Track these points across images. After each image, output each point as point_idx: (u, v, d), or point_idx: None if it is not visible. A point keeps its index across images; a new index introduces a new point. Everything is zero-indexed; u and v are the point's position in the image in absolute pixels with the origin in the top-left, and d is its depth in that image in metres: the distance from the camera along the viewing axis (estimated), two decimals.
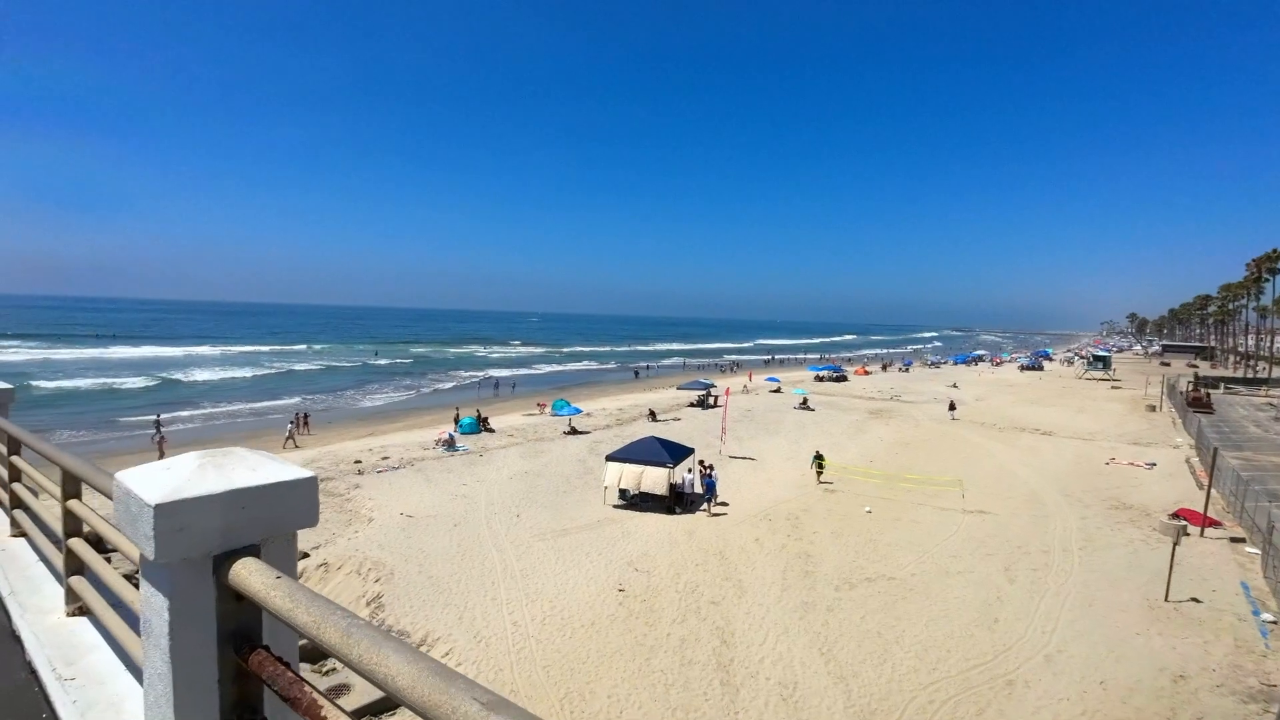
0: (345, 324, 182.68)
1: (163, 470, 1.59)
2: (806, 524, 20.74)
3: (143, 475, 1.58)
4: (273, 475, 1.63)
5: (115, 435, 33.97)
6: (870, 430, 39.00)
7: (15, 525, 4.36)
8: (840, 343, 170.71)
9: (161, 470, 1.60)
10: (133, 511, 1.52)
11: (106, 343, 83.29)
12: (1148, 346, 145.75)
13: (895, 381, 69.41)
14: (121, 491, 1.57)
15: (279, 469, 1.67)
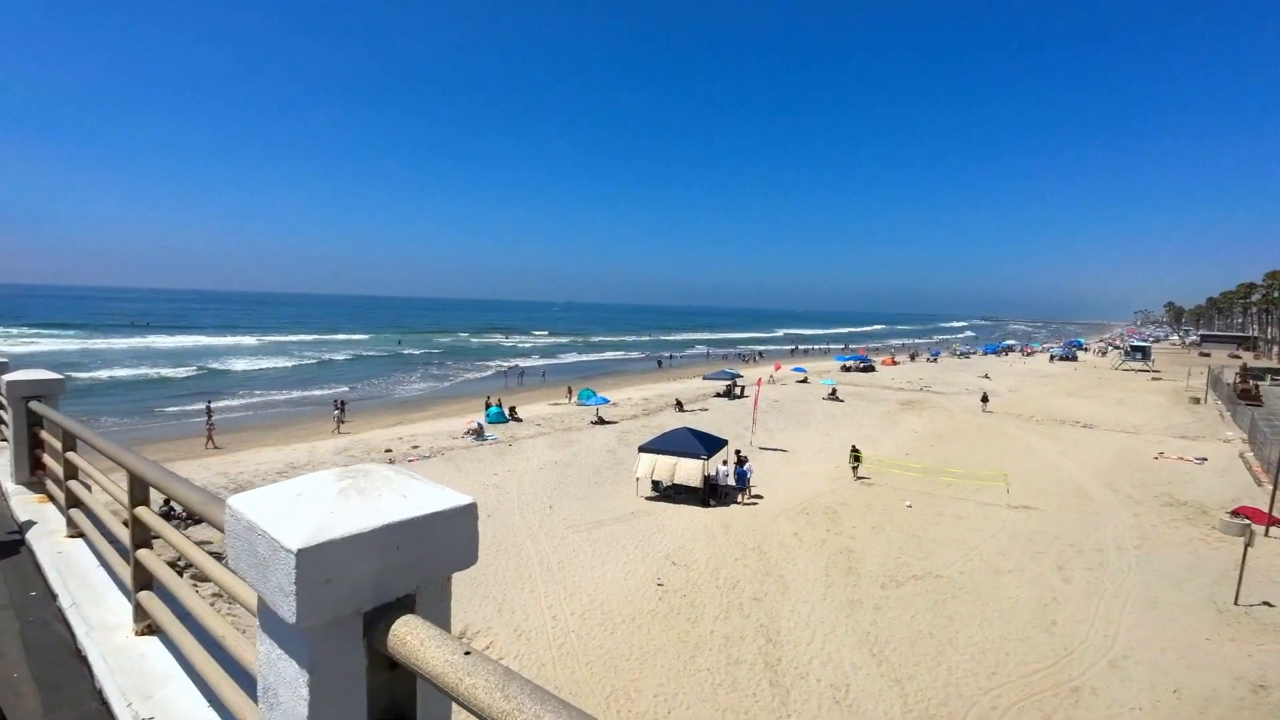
0: (370, 313, 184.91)
1: (293, 497, 1.22)
2: (845, 518, 20.22)
3: (269, 505, 1.21)
4: (428, 503, 1.24)
5: (158, 424, 34.54)
6: (902, 422, 38.17)
7: (72, 525, 4.11)
8: (866, 333, 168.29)
9: (291, 497, 1.22)
10: (260, 555, 1.14)
11: (143, 332, 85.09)
12: (1185, 336, 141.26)
13: (924, 372, 68.02)
14: (241, 526, 1.20)
15: (433, 494, 1.28)
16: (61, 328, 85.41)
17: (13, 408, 5.23)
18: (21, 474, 5.36)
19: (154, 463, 2.48)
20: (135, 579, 2.69)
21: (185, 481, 2.13)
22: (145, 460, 2.53)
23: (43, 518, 4.55)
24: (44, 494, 5.09)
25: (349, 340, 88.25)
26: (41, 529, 4.31)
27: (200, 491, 1.97)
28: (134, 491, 2.66)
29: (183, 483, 2.14)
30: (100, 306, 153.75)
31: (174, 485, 2.23)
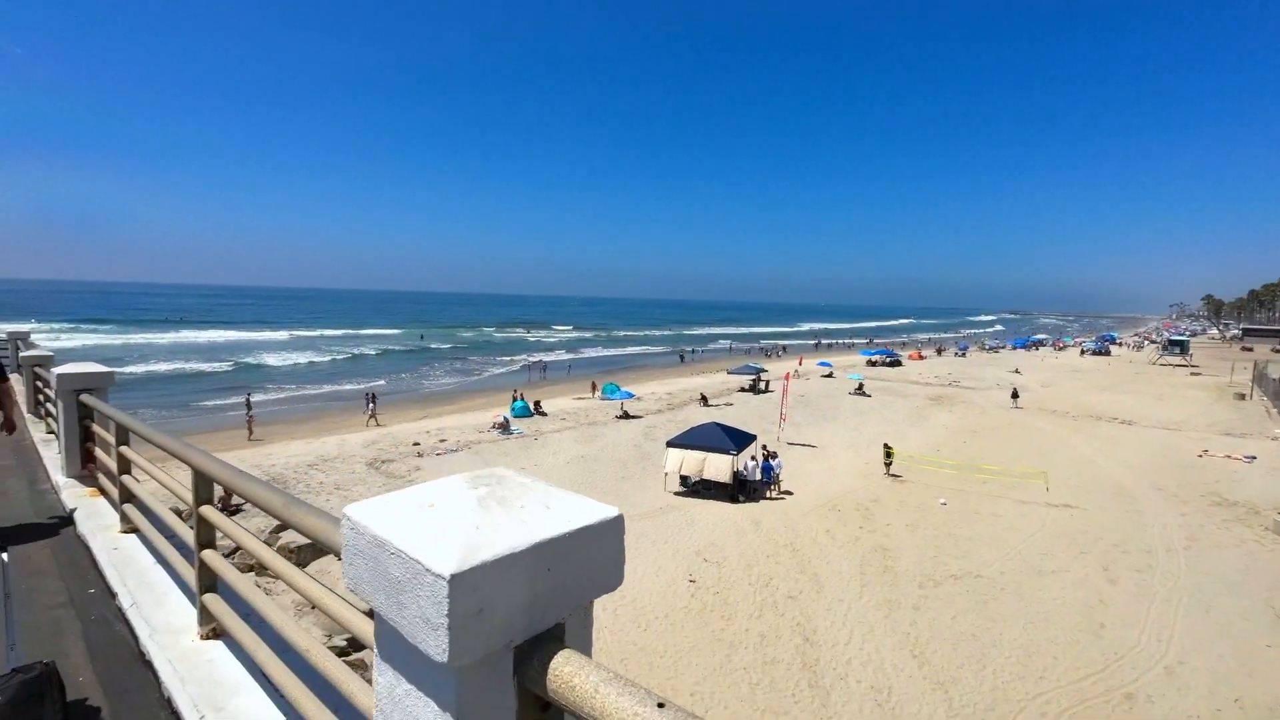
0: (393, 308, 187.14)
1: (424, 508, 1.03)
2: (878, 516, 19.83)
3: (399, 517, 1.02)
4: (577, 516, 1.06)
5: (195, 416, 35.24)
6: (932, 417, 37.47)
7: (126, 520, 4.04)
8: (891, 327, 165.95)
9: (422, 507, 1.04)
10: (393, 578, 0.97)
11: (177, 327, 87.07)
12: (1225, 330, 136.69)
13: (952, 367, 66.75)
14: (365, 541, 1.03)
15: (579, 505, 1.09)
16: (99, 323, 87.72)
17: (63, 401, 5.21)
18: (73, 467, 5.35)
19: (221, 460, 2.35)
20: (200, 580, 2.57)
21: (261, 482, 1.98)
22: (211, 457, 2.40)
23: (95, 512, 4.51)
24: (95, 488, 5.06)
25: (375, 335, 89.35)
26: (95, 523, 4.26)
27: (280, 494, 1.82)
28: (198, 489, 2.54)
29: (258, 483, 2.00)
30: (135, 302, 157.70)
31: (246, 484, 2.09)
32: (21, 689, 2.21)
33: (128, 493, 3.94)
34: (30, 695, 2.21)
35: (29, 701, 2.19)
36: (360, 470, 24.79)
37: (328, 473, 24.33)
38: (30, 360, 8.88)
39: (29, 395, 9.11)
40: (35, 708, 2.19)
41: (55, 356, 9.19)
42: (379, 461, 25.83)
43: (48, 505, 5.03)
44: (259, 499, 1.91)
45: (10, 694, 2.18)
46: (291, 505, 1.74)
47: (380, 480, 23.58)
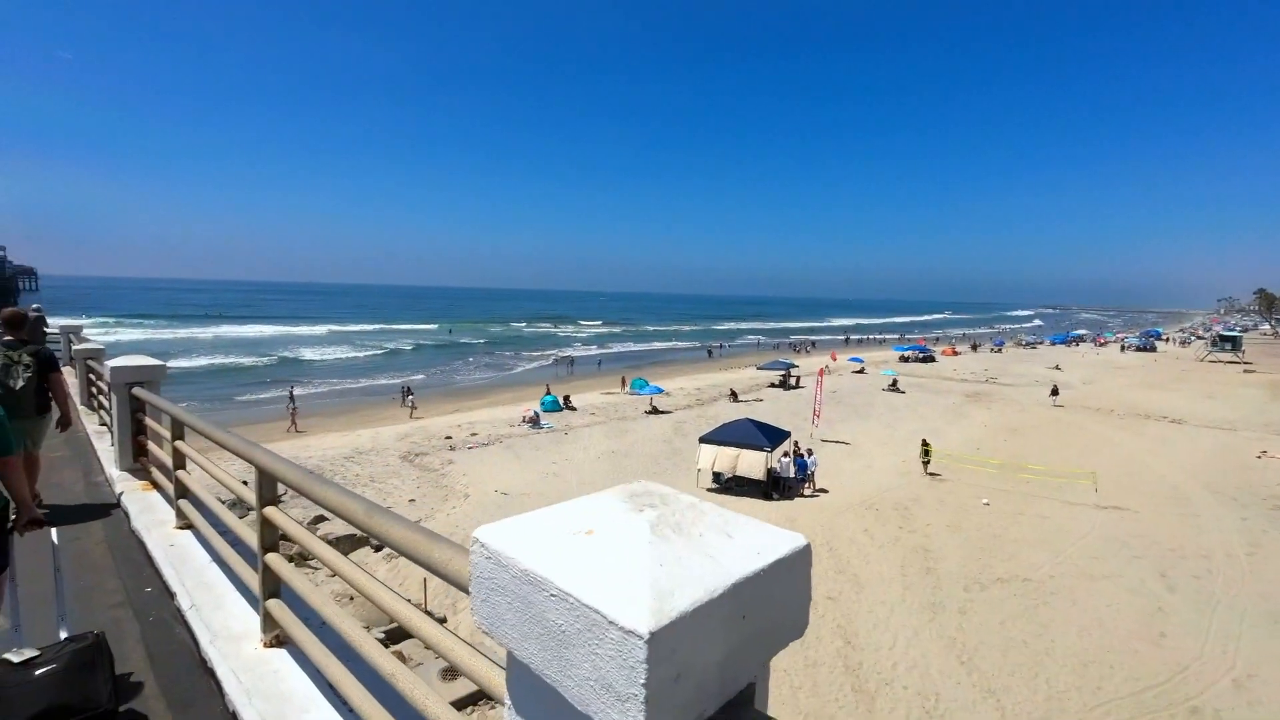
0: (423, 303, 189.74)
1: (581, 535, 0.83)
2: (918, 515, 19.31)
3: (553, 547, 0.82)
4: (763, 546, 0.85)
5: (236, 410, 36.10)
6: (970, 415, 36.49)
7: (181, 516, 3.97)
8: (923, 322, 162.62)
9: (578, 535, 0.83)
10: (556, 628, 0.76)
11: (216, 322, 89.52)
12: (1278, 326, 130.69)
13: (988, 363, 65.04)
14: (510, 577, 0.82)
15: (762, 533, 0.89)
16: (144, 317, 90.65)
17: (116, 394, 5.20)
18: (125, 460, 5.35)
19: (287, 460, 2.20)
20: (264, 585, 2.44)
21: (335, 485, 1.82)
22: (277, 456, 2.26)
23: (149, 507, 4.47)
24: (148, 481, 5.04)
25: (407, 330, 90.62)
26: (150, 518, 4.21)
27: (360, 500, 1.65)
28: (262, 489, 2.40)
29: (332, 486, 1.84)
30: (177, 298, 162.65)
31: (317, 487, 1.93)
32: (74, 658, 2.31)
33: (183, 488, 3.87)
34: (82, 664, 2.32)
35: (81, 670, 2.30)
36: (394, 463, 25.06)
37: (362, 465, 24.65)
38: (83, 354, 9.02)
39: (82, 388, 9.29)
40: (87, 676, 2.30)
41: (106, 350, 9.34)
42: (412, 455, 26.08)
43: (102, 498, 5.02)
44: (334, 505, 1.74)
45: (64, 662, 2.29)
46: (374, 513, 1.57)
47: (414, 473, 23.79)
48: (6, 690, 2.19)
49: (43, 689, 2.23)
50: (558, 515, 0.90)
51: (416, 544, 1.37)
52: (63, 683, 2.26)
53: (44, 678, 2.25)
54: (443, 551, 1.28)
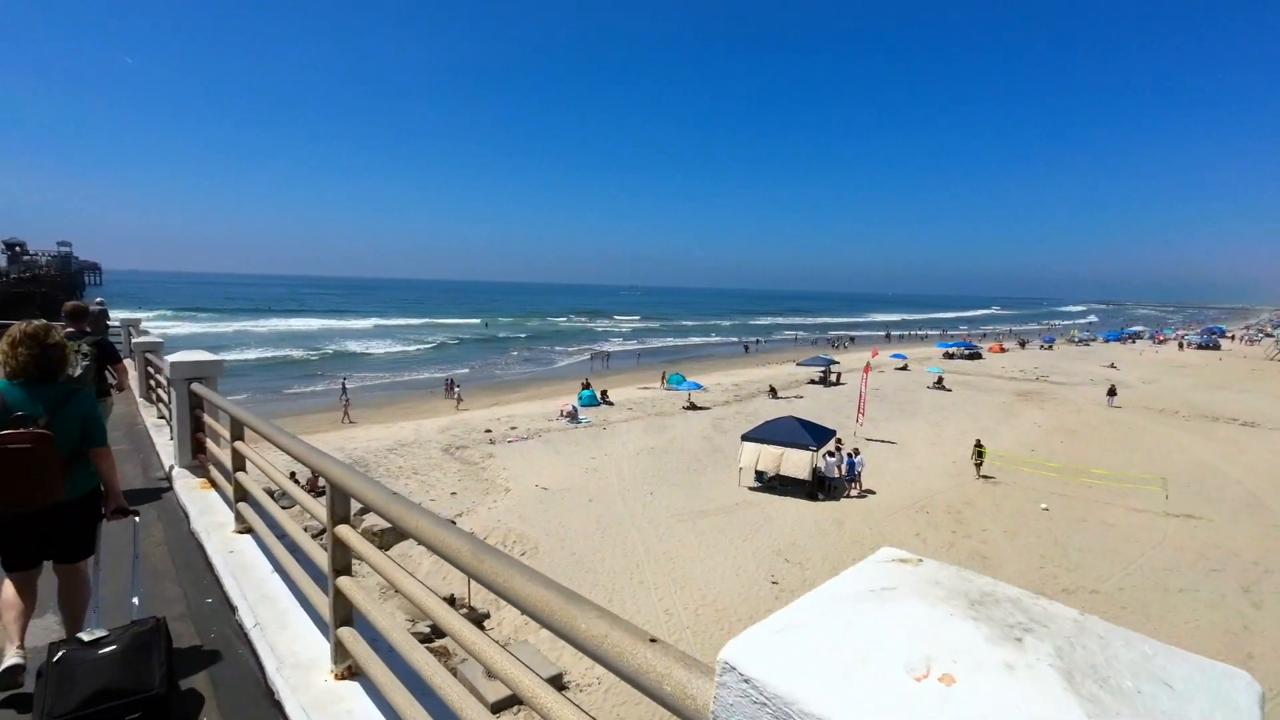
0: (460, 298, 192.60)
1: (925, 683, 0.52)
2: (972, 520, 18.53)
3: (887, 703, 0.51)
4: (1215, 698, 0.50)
5: (286, 401, 37.07)
6: (1021, 414, 35.05)
7: (241, 520, 3.81)
8: (967, 318, 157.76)
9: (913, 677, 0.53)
10: None
11: (266, 315, 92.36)
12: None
13: (1038, 360, 62.58)
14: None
15: (1198, 673, 0.54)
16: (196, 311, 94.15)
17: (175, 390, 5.12)
18: (184, 457, 5.27)
19: (367, 477, 1.94)
20: (335, 612, 2.21)
21: (432, 516, 1.54)
22: (354, 471, 2.01)
23: (208, 507, 4.35)
24: (206, 479, 4.94)
25: (447, 324, 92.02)
26: (209, 520, 4.08)
27: (469, 539, 1.36)
28: (334, 507, 2.16)
29: (431, 518, 1.56)
30: (225, 292, 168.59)
31: (410, 514, 1.66)
32: (134, 640, 2.49)
33: (242, 491, 3.71)
34: (139, 647, 2.48)
35: (137, 653, 2.46)
36: (436, 456, 25.28)
37: (405, 457, 24.94)
38: (142, 346, 9.15)
39: (141, 380, 9.43)
40: (142, 659, 2.45)
41: (164, 343, 9.46)
42: (453, 448, 26.28)
43: (162, 495, 4.94)
44: (429, 538, 1.46)
45: (125, 643, 2.47)
46: (485, 556, 1.28)
47: (455, 466, 23.95)
48: (73, 667, 2.36)
49: (101, 669, 2.37)
50: (853, 624, 0.59)
51: (551, 606, 1.07)
52: (120, 664, 2.40)
53: (104, 658, 2.40)
54: (593, 623, 0.98)
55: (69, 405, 2.90)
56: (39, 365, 2.89)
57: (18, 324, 3.00)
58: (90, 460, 2.97)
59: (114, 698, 2.33)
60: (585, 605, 1.04)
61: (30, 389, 2.85)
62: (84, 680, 2.32)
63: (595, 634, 0.98)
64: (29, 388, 2.85)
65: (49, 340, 2.94)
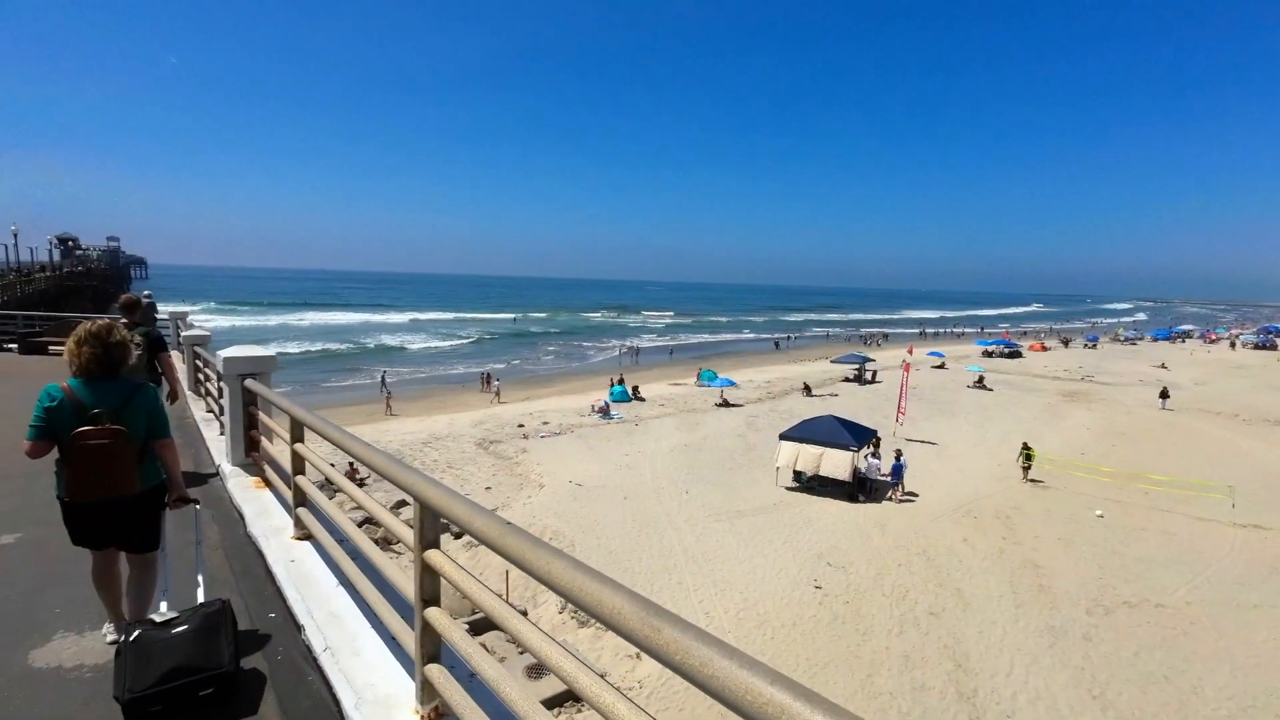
0: (490, 293, 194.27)
1: None
2: (1022, 526, 17.79)
3: None
4: None
5: (323, 394, 37.69)
6: (1068, 416, 33.77)
7: (300, 526, 3.62)
8: (1006, 315, 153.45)
9: None
10: None
11: (302, 309, 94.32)
12: None
13: (1083, 359, 60.42)
14: None
15: None
16: (238, 304, 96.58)
17: (229, 386, 4.99)
18: (238, 455, 5.15)
19: (474, 504, 1.69)
20: (422, 647, 1.96)
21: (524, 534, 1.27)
22: (454, 494, 1.75)
23: (264, 510, 4.19)
24: (260, 478, 4.80)
25: (478, 319, 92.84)
26: (266, 524, 3.91)
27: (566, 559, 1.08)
28: (423, 529, 1.91)
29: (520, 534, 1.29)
30: (264, 286, 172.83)
31: (510, 538, 1.39)
32: (204, 620, 2.67)
33: (302, 495, 3.52)
34: (209, 627, 2.65)
35: (208, 633, 2.63)
36: (470, 450, 25.37)
37: (439, 451, 25.07)
38: (191, 340, 9.16)
39: (189, 374, 9.45)
40: (212, 638, 2.62)
41: (212, 336, 9.46)
42: (487, 442, 26.34)
43: (216, 495, 4.82)
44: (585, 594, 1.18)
45: (195, 624, 2.64)
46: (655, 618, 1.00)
47: (489, 461, 23.98)
48: (149, 646, 2.52)
49: (175, 647, 2.54)
50: None
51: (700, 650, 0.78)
52: (192, 643, 2.56)
53: (176, 637, 2.57)
54: None
55: (136, 400, 3.03)
56: (102, 363, 3.00)
57: (83, 324, 3.13)
58: (155, 452, 3.12)
59: (187, 674, 2.49)
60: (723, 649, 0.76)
61: (98, 386, 2.97)
62: (160, 658, 2.48)
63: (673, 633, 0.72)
64: (97, 384, 2.97)
65: (111, 339, 3.05)
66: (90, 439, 2.80)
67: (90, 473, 2.82)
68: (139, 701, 2.41)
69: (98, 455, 2.81)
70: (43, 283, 41.77)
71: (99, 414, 2.86)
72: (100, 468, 2.83)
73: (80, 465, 2.81)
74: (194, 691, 2.49)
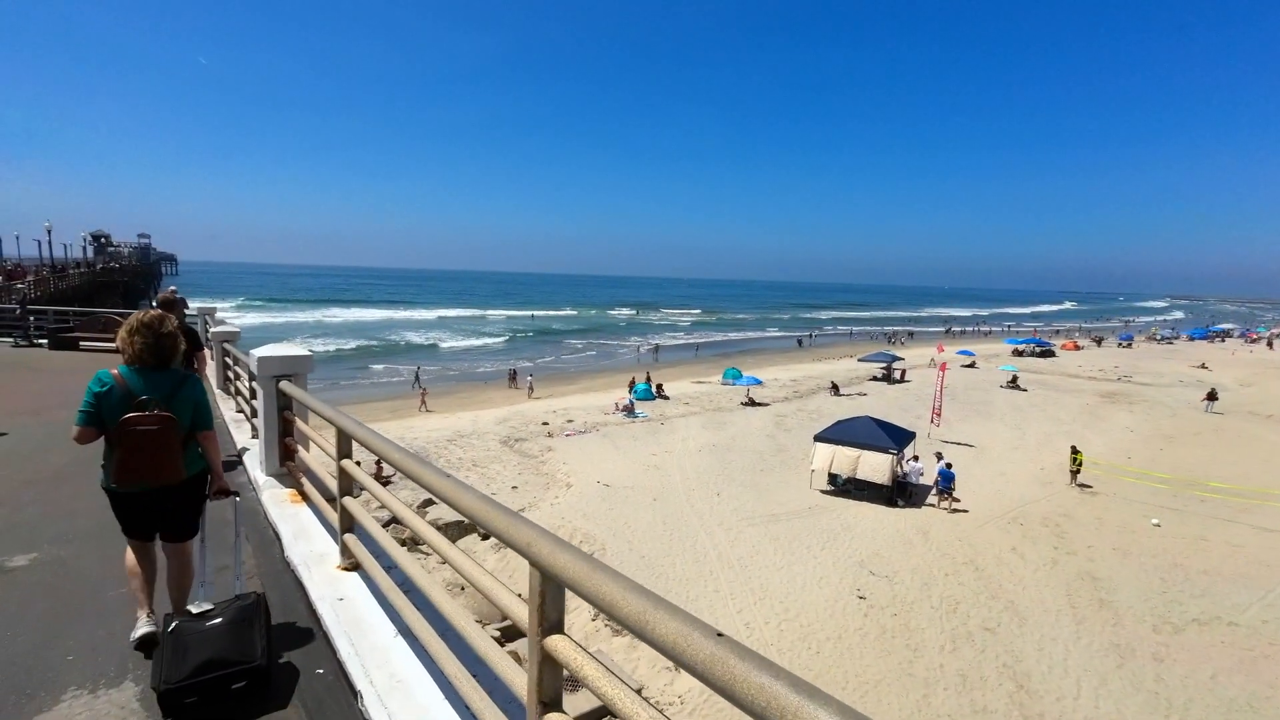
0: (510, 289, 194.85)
1: None
2: (1074, 535, 16.93)
3: None
4: None
5: (350, 389, 37.70)
6: (1109, 418, 32.53)
7: (347, 554, 3.14)
8: (1034, 314, 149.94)
9: None
10: None
11: (327, 306, 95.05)
12: None
13: (1117, 359, 58.57)
14: None
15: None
16: (267, 300, 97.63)
17: (263, 388, 4.54)
18: (272, 464, 4.69)
19: (609, 569, 1.17)
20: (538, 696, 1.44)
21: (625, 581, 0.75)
22: (587, 559, 1.23)
23: (303, 531, 3.72)
24: (296, 490, 4.35)
25: (503, 316, 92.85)
26: (307, 550, 3.44)
27: None
28: (544, 608, 1.39)
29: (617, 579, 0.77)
30: (287, 283, 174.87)
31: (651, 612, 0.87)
32: (238, 613, 2.68)
33: (349, 519, 3.03)
34: (243, 620, 2.66)
35: (243, 624, 2.64)
36: (494, 448, 25.04)
37: (464, 449, 24.78)
38: (220, 336, 8.81)
39: (218, 371, 9.11)
40: (246, 632, 2.63)
41: (241, 332, 9.11)
42: (512, 440, 26.00)
43: (249, 509, 4.37)
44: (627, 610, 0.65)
45: (230, 616, 2.66)
46: None
47: (515, 459, 23.62)
48: (186, 638, 2.54)
49: (209, 639, 2.55)
50: None
51: None
52: (227, 636, 2.57)
53: (211, 630, 2.57)
54: None
55: (184, 390, 3.06)
56: (154, 353, 3.02)
57: (136, 314, 3.13)
58: (199, 442, 3.12)
59: (221, 667, 2.50)
60: None
61: (149, 375, 2.99)
62: (195, 650, 2.49)
63: None
64: (147, 373, 2.99)
65: (163, 330, 3.06)
66: (140, 424, 2.82)
67: (139, 458, 2.84)
68: (175, 693, 2.41)
69: (147, 440, 2.84)
70: (76, 278, 42.35)
71: (148, 400, 2.88)
72: (149, 453, 2.85)
73: (130, 450, 2.83)
74: (227, 684, 2.50)
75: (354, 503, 2.98)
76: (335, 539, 3.17)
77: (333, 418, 3.05)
